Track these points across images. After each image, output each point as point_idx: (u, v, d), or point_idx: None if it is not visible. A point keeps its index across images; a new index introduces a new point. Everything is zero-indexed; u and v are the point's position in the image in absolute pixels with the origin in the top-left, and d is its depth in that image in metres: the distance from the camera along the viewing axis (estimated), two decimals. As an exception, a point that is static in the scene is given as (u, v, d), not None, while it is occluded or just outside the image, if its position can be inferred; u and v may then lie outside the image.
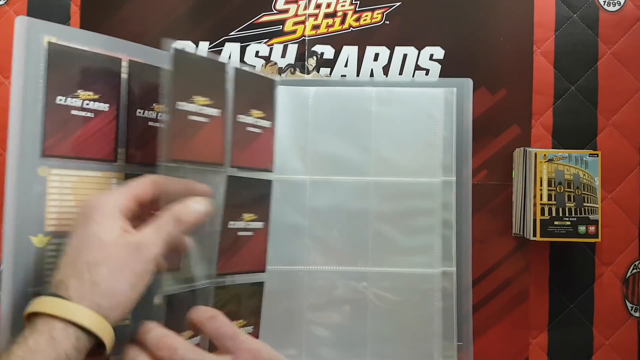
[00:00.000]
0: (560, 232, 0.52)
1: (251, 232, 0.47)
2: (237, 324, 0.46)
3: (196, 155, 0.42)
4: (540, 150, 0.52)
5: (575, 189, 0.52)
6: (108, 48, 0.43)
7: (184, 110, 0.41)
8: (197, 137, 0.42)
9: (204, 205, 0.39)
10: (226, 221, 0.45)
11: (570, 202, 0.52)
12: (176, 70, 0.40)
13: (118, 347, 0.35)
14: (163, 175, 0.39)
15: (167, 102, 0.40)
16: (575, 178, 0.52)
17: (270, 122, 0.49)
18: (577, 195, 0.52)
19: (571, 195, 0.52)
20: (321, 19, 0.56)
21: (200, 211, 0.38)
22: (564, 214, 0.52)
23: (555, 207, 0.52)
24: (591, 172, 0.52)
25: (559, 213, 0.52)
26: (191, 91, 0.41)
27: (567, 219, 0.52)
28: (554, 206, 0.52)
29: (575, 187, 0.52)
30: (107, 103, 0.42)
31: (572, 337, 0.55)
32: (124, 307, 0.34)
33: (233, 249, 0.46)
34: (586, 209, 0.52)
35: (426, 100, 0.53)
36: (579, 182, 0.52)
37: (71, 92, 0.40)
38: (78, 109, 0.41)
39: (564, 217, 0.52)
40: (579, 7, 0.56)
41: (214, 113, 0.43)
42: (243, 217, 0.46)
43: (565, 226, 0.52)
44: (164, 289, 0.40)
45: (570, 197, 0.52)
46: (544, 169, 0.52)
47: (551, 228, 0.52)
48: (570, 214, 0.52)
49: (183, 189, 0.40)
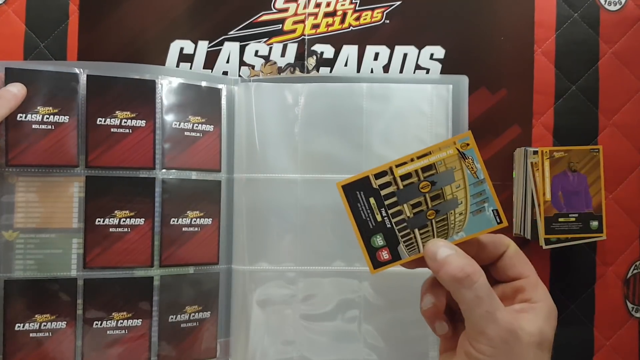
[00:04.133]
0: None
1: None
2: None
3: (45, 160, 0.49)
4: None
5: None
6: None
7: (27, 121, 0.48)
8: (41, 143, 0.48)
9: (18, 87, 0.46)
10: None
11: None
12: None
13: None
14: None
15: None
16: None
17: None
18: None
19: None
20: (321, 18, 0.56)
21: (15, 92, 0.46)
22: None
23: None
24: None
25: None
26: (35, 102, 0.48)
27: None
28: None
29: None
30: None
31: (573, 338, 0.55)
32: None
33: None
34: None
35: (416, 96, 0.53)
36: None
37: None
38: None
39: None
40: (579, 7, 0.56)
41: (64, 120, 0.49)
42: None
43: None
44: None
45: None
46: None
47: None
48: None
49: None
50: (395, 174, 0.39)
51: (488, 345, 0.35)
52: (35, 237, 0.48)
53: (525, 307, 0.38)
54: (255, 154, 0.52)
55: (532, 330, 0.36)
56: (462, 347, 0.37)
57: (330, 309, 0.52)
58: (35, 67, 0.48)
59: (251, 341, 0.51)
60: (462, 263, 0.36)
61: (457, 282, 0.36)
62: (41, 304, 0.48)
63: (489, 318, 0.35)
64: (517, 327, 0.35)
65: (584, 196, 0.52)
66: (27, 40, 0.54)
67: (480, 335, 0.35)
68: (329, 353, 0.51)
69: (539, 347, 0.36)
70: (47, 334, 0.48)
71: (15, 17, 0.54)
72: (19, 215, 0.48)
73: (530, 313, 0.37)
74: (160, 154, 0.50)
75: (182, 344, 0.50)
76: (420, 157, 0.39)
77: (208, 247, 0.51)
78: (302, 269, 0.52)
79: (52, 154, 0.48)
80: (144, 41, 0.55)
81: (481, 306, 0.35)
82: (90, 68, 0.50)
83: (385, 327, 0.52)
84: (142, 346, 0.49)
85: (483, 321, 0.35)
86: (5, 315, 0.47)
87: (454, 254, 0.37)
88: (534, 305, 0.38)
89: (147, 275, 0.50)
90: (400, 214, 0.39)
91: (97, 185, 0.49)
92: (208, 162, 0.52)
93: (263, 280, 0.52)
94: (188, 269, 0.51)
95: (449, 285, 0.36)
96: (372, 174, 0.39)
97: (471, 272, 0.36)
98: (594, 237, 0.52)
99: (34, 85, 0.48)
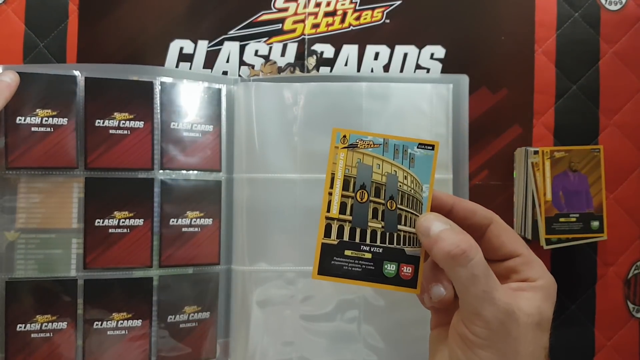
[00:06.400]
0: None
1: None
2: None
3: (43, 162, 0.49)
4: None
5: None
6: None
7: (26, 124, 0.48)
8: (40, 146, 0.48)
9: (10, 76, 0.46)
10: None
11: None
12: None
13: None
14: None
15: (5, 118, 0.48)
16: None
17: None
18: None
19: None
20: (321, 17, 0.56)
21: (8, 82, 0.45)
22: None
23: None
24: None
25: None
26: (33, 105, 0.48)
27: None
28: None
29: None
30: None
31: (573, 338, 0.55)
32: None
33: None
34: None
35: (416, 96, 0.52)
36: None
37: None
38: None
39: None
40: (580, 6, 0.56)
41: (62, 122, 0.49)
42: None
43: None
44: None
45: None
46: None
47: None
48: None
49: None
50: (333, 217, 0.38)
51: (484, 328, 0.33)
52: (36, 237, 0.48)
53: (522, 286, 0.36)
54: (255, 154, 0.52)
55: (530, 310, 0.34)
56: (456, 328, 0.35)
57: (329, 309, 0.52)
58: (33, 71, 0.48)
59: (251, 342, 0.51)
60: (457, 239, 0.34)
61: (451, 259, 0.33)
62: (42, 305, 0.48)
63: (485, 298, 0.33)
64: (515, 308, 0.34)
65: (584, 196, 0.52)
66: (26, 40, 0.54)
67: (475, 317, 0.33)
68: (329, 354, 0.51)
69: (538, 328, 0.34)
70: (48, 334, 0.48)
71: (15, 17, 0.54)
72: (20, 216, 0.48)
73: (528, 292, 0.35)
74: (158, 155, 0.50)
75: (182, 344, 0.50)
76: (331, 184, 0.38)
77: (208, 247, 0.51)
78: (302, 269, 0.52)
79: (51, 156, 0.48)
80: (143, 41, 0.54)
81: (477, 285, 0.33)
82: (88, 70, 0.50)
83: (385, 327, 0.51)
84: (142, 346, 0.49)
85: (479, 302, 0.33)
86: (7, 315, 0.47)
87: (449, 229, 0.35)
88: (532, 283, 0.36)
89: (146, 276, 0.50)
90: (375, 233, 0.37)
91: (96, 187, 0.49)
92: (208, 162, 0.52)
93: (263, 281, 0.52)
94: (187, 270, 0.51)
95: (443, 263, 0.34)
96: (322, 242, 0.37)
97: (467, 248, 0.33)
98: (595, 237, 0.52)
99: (32, 88, 0.48)
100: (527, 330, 0.34)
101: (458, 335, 0.35)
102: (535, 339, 0.34)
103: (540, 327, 0.35)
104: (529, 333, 0.34)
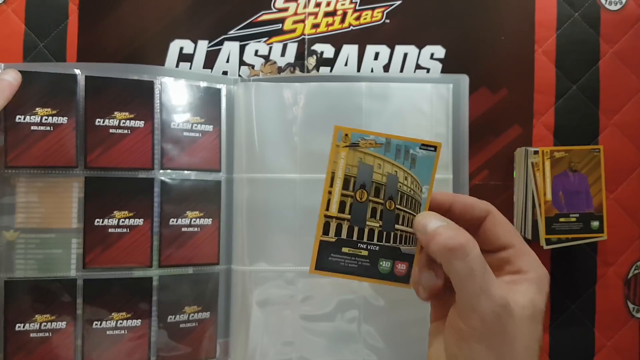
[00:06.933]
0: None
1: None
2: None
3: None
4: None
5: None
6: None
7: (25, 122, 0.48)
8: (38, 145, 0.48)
9: (12, 75, 0.46)
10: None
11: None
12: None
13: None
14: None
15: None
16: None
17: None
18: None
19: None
20: (321, 17, 0.56)
21: (10, 81, 0.46)
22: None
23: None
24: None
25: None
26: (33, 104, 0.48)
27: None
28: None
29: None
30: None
31: (573, 338, 0.55)
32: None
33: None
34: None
35: (416, 96, 0.52)
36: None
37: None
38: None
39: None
40: (580, 6, 0.56)
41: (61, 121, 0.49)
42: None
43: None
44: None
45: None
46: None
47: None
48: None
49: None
50: (332, 215, 0.38)
51: (480, 321, 0.33)
52: (36, 236, 0.48)
53: (516, 279, 0.36)
54: (255, 154, 0.52)
55: (524, 303, 0.35)
56: (452, 322, 0.36)
57: (329, 309, 0.52)
58: (33, 69, 0.48)
59: (250, 342, 0.51)
60: (454, 233, 0.35)
61: (449, 252, 0.34)
62: (41, 304, 0.48)
63: (481, 293, 0.33)
64: (510, 301, 0.34)
65: (584, 196, 0.52)
66: (26, 39, 0.54)
67: (471, 311, 0.33)
68: (329, 354, 0.51)
69: (532, 320, 0.35)
70: (47, 334, 0.48)
71: (15, 17, 0.54)
72: (20, 215, 0.48)
73: (521, 284, 0.36)
74: (159, 155, 0.50)
75: (182, 344, 0.50)
76: (331, 183, 0.38)
77: (208, 247, 0.51)
78: (302, 269, 0.52)
79: (51, 155, 0.48)
80: (143, 41, 0.54)
81: (474, 280, 0.33)
82: (88, 69, 0.49)
83: (385, 327, 0.51)
84: (141, 346, 0.49)
85: (475, 296, 0.33)
86: (6, 315, 0.47)
87: (445, 225, 0.36)
88: (524, 275, 0.36)
89: (146, 276, 0.50)
90: (372, 231, 0.38)
91: (96, 186, 0.49)
92: (208, 162, 0.52)
93: (262, 281, 0.52)
94: (187, 269, 0.51)
95: (441, 257, 0.34)
96: (320, 239, 0.38)
97: (464, 241, 0.34)
98: (595, 237, 0.52)
99: (33, 87, 0.48)
100: (522, 323, 0.34)
101: (454, 329, 0.35)
102: (530, 331, 0.35)
103: (534, 319, 0.35)
104: (523, 326, 0.34)
